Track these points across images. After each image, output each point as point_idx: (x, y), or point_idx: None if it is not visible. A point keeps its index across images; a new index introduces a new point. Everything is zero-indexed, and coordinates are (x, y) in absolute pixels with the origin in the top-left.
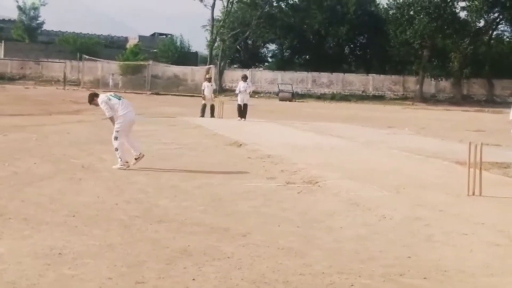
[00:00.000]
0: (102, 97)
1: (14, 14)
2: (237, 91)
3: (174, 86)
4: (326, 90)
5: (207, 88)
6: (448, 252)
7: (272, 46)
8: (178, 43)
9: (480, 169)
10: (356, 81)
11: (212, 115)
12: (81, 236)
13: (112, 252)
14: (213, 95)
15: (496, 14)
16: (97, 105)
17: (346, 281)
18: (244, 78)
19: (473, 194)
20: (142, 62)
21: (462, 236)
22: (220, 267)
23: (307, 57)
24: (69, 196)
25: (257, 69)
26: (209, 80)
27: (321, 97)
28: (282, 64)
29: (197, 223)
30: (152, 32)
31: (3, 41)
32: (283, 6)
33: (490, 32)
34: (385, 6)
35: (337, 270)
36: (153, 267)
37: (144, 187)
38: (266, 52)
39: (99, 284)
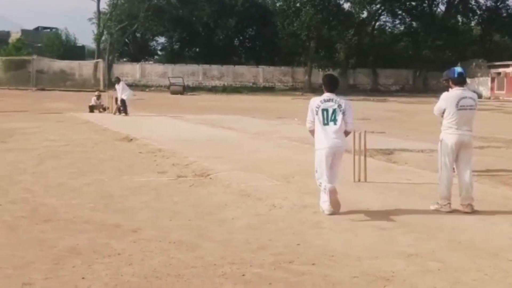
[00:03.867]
0: None
1: None
2: None
3: (61, 81)
4: (217, 83)
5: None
6: (335, 237)
7: (162, 39)
8: (64, 37)
9: (365, 156)
10: (247, 73)
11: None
12: None
13: None
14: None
15: (378, 6)
16: None
17: (237, 271)
18: (117, 81)
19: (359, 180)
20: (25, 57)
21: (349, 221)
22: (111, 264)
23: (197, 49)
24: None
25: (147, 62)
26: (98, 97)
27: (212, 89)
28: (172, 57)
29: (86, 221)
30: (35, 26)
31: None
32: None
33: (373, 23)
34: None
35: (229, 261)
36: (40, 268)
37: (30, 186)
38: (156, 45)
39: None
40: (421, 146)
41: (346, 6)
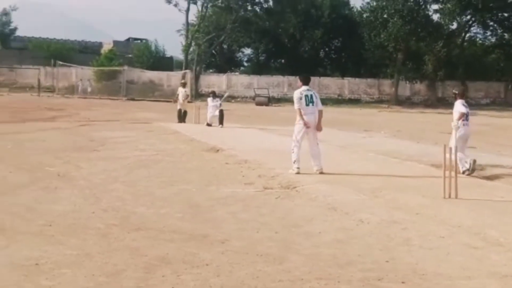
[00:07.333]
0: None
1: None
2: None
3: (149, 92)
4: None
5: (181, 93)
6: (426, 255)
7: (248, 50)
8: (153, 48)
9: (456, 171)
10: (332, 84)
11: (183, 120)
12: (58, 246)
13: (90, 261)
14: (185, 100)
15: (468, 17)
16: None
17: (325, 287)
18: (213, 94)
19: (449, 196)
20: (117, 68)
21: (439, 239)
22: (199, 274)
23: (283, 61)
24: (45, 205)
25: (233, 73)
26: (184, 85)
27: None
28: (258, 68)
29: (175, 230)
30: (126, 37)
31: None
32: (258, 10)
33: (463, 34)
34: (359, 9)
35: (316, 276)
36: (131, 276)
37: (121, 195)
38: (242, 57)
39: None
40: None
41: (435, 17)
